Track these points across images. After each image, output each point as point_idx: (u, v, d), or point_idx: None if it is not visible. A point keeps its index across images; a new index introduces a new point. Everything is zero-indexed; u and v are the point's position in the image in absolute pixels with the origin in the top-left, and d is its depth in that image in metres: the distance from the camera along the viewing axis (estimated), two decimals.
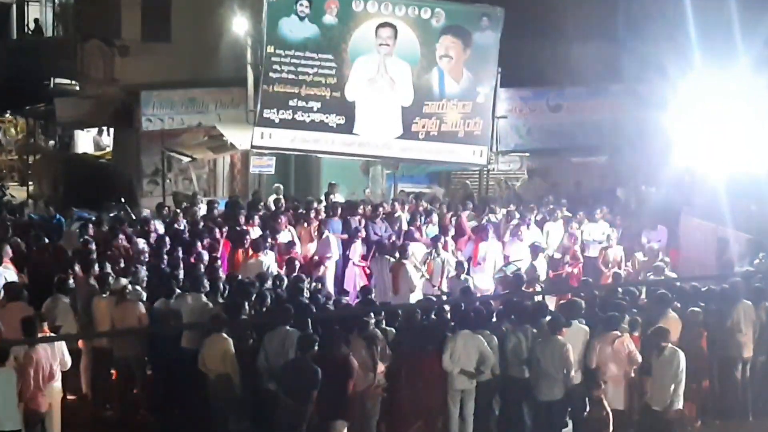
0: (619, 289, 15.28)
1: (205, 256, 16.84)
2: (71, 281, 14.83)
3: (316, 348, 12.40)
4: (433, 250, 18.02)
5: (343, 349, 12.74)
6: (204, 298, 14.37)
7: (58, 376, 12.69)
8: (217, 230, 18.20)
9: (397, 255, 17.58)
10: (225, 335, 13.00)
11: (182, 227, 18.85)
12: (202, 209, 20.46)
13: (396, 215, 20.17)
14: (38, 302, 14.27)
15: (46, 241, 17.65)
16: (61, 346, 12.68)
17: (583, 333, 13.70)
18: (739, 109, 18.93)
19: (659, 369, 13.07)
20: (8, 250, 16.39)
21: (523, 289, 16.16)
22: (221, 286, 14.92)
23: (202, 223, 18.91)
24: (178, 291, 14.63)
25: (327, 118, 22.12)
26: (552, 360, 13.18)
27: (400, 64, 22.24)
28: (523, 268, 17.88)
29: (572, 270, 18.76)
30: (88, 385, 14.80)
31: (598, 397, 13.37)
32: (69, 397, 13.92)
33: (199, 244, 17.42)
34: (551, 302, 15.72)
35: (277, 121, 22.03)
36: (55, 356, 12.55)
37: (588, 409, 13.62)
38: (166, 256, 16.70)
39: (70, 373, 13.49)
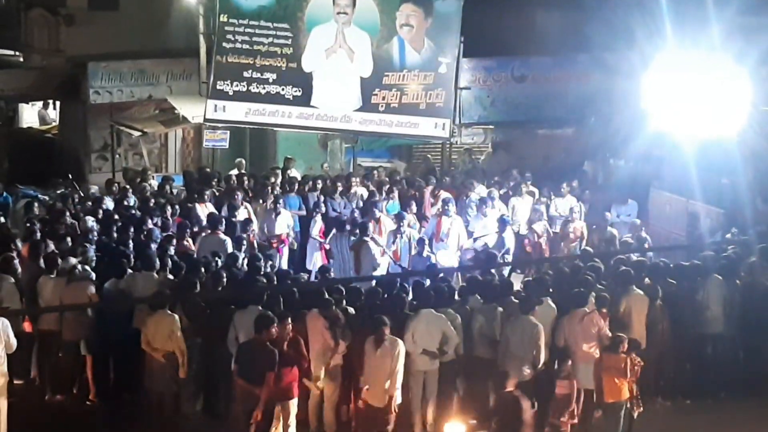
0: (581, 264, 14.94)
1: (157, 234, 16.29)
2: (17, 261, 14.34)
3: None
4: (398, 228, 17.43)
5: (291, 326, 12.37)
6: (156, 277, 14.00)
7: (4, 360, 12.27)
8: (169, 207, 17.66)
9: (357, 232, 16.99)
10: (170, 312, 12.76)
11: (132, 204, 18.24)
12: (153, 185, 19.85)
13: (352, 191, 19.55)
14: None
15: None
16: (6, 328, 12.26)
17: (551, 311, 13.42)
18: (710, 80, 18.52)
19: (379, 363, 12.34)
20: None
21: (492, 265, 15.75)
22: (171, 263, 14.57)
23: (153, 200, 18.18)
24: (129, 271, 14.24)
25: (283, 89, 21.70)
26: (522, 341, 12.83)
27: (358, 33, 21.83)
28: (489, 244, 17.44)
29: (545, 247, 18.39)
30: (35, 370, 14.36)
31: (566, 373, 13.00)
32: (16, 381, 13.42)
33: (150, 221, 16.77)
34: (517, 280, 15.34)
35: (231, 93, 21.59)
36: None
37: (555, 388, 13.28)
38: (116, 234, 16.16)
39: (16, 357, 13.01)
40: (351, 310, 13.22)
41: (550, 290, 13.82)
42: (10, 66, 27.07)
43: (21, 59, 27.78)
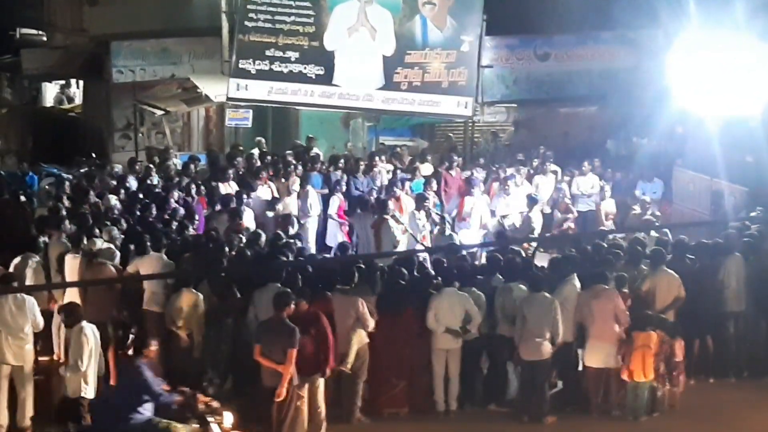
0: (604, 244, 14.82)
1: (180, 213, 16.34)
2: (42, 240, 14.46)
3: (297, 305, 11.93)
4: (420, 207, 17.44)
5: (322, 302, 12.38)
6: (163, 258, 13.82)
7: (30, 338, 12.37)
8: (193, 186, 17.66)
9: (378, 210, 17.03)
10: (194, 290, 12.81)
11: (155, 183, 18.29)
12: (176, 164, 19.86)
13: (376, 169, 19.55)
14: (7, 261, 13.87)
15: (22, 198, 17.41)
16: (33, 307, 12.35)
17: (575, 289, 13.27)
18: (734, 58, 18.39)
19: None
20: None
21: (515, 242, 15.74)
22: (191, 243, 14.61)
23: (176, 179, 18.24)
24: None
25: (305, 68, 21.65)
26: (539, 318, 12.78)
27: (381, 11, 21.73)
28: (515, 223, 17.46)
29: (570, 225, 18.39)
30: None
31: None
32: (42, 358, 13.37)
33: (172, 200, 16.79)
34: (544, 258, 15.29)
35: (253, 72, 21.57)
36: (26, 317, 12.21)
37: (580, 366, 13.29)
38: (138, 213, 16.17)
39: (43, 335, 13.11)
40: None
41: (574, 269, 13.66)
42: (34, 45, 27.25)
43: (45, 38, 27.95)
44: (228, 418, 10.33)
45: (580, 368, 13.35)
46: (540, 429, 12.94)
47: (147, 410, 10.10)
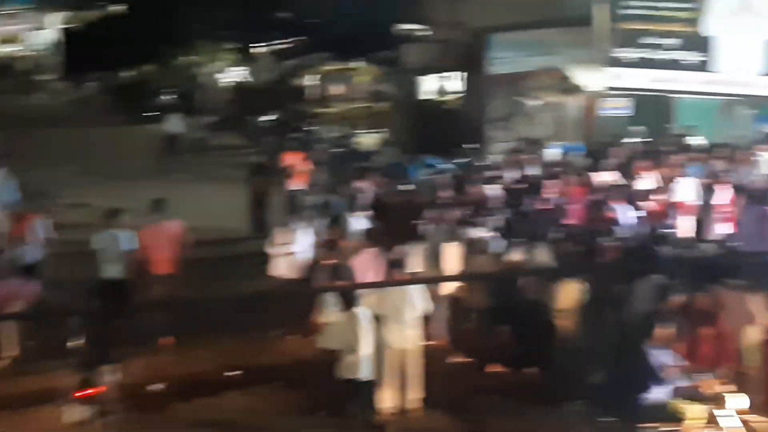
0: None
1: (556, 203, 16.42)
2: (426, 228, 14.91)
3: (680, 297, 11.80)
4: None
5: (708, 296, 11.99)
6: (548, 248, 13.91)
7: (415, 323, 12.73)
8: (570, 176, 17.64)
9: None
10: (575, 281, 12.81)
11: (532, 173, 18.41)
12: (553, 154, 19.93)
13: (758, 158, 18.70)
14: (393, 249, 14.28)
15: (404, 188, 18.01)
16: (419, 292, 12.76)
17: None
18: None
19: None
20: (365, 196, 16.77)
21: None
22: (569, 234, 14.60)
23: (555, 169, 18.34)
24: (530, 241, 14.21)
25: (682, 55, 21.13)
26: None
27: None
28: None
29: None
30: (444, 333, 14.67)
31: None
32: (429, 343, 13.75)
33: (548, 190, 16.87)
34: None
35: (628, 60, 21.39)
36: (407, 303, 12.58)
37: None
38: (517, 204, 16.38)
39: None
40: None
41: None
42: (413, 40, 28.29)
43: (425, 33, 28.92)
44: (742, 401, 10.40)
45: None
46: None
47: (658, 392, 10.46)
